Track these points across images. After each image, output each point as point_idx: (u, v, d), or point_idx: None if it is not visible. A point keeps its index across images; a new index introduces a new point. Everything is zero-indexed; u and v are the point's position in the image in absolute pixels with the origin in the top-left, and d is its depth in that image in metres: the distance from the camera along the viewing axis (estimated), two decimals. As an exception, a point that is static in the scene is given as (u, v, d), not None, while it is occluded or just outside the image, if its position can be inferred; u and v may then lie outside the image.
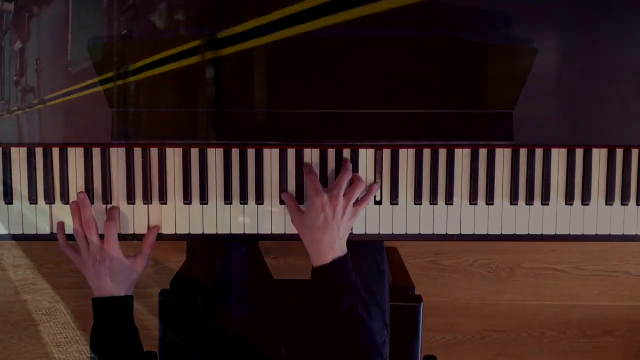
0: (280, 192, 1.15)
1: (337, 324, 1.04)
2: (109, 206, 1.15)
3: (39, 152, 1.15)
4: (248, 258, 1.28)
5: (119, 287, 1.11)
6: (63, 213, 1.15)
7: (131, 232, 1.16)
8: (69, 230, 1.13)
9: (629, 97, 1.13)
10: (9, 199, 1.15)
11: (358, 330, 1.03)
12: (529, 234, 1.17)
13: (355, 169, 1.15)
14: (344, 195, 1.09)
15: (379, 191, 1.15)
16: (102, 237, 1.11)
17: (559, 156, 1.15)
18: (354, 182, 1.12)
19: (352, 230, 1.13)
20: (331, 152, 1.15)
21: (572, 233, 1.17)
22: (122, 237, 1.15)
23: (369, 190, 1.14)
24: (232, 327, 1.19)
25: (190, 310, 1.12)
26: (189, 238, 1.16)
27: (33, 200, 1.15)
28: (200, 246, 1.31)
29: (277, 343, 1.18)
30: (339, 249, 1.07)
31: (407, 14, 1.08)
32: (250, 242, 1.34)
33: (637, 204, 1.16)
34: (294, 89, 1.11)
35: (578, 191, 1.16)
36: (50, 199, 1.15)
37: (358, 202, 1.12)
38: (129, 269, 1.12)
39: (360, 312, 1.04)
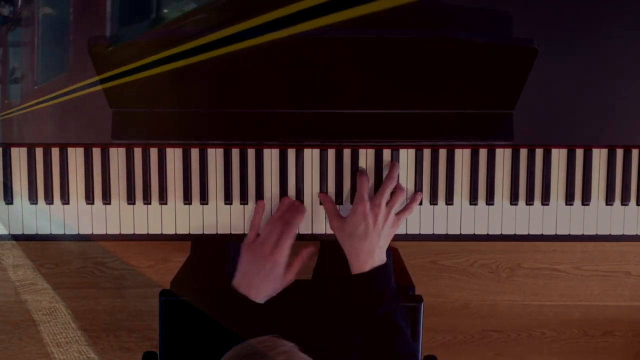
0: (280, 192, 1.15)
1: (374, 330, 1.04)
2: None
3: (39, 152, 1.15)
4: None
5: (260, 292, 1.07)
6: (63, 213, 1.15)
7: (131, 232, 1.16)
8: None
9: (630, 96, 1.13)
10: (9, 199, 1.15)
11: (395, 337, 1.03)
12: (529, 234, 1.17)
13: (356, 169, 1.15)
14: (386, 204, 1.09)
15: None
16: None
17: (559, 156, 1.15)
18: (395, 190, 1.11)
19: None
20: (331, 152, 1.15)
21: (572, 233, 1.17)
22: (122, 238, 1.16)
23: (412, 198, 1.14)
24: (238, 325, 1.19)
25: (191, 309, 1.12)
26: (189, 238, 1.16)
27: (33, 200, 1.15)
28: (206, 245, 1.31)
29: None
30: (378, 258, 1.07)
31: (407, 14, 1.08)
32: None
33: (637, 204, 1.16)
34: (293, 89, 1.11)
35: (578, 191, 1.16)
36: (50, 199, 1.15)
37: (400, 211, 1.12)
38: (278, 281, 1.08)
39: (398, 319, 1.04)
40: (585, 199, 1.16)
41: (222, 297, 1.08)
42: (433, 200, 1.15)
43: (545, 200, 1.15)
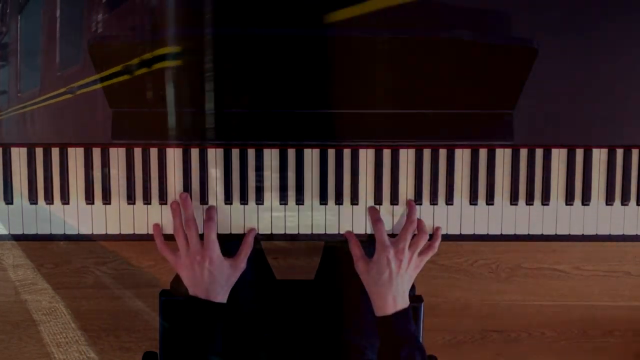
0: (280, 192, 1.15)
1: None
2: (206, 206, 1.14)
3: (39, 152, 1.15)
4: (252, 258, 1.29)
5: (217, 288, 1.09)
6: (63, 213, 1.15)
7: (131, 232, 1.16)
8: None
9: (629, 97, 1.13)
10: (9, 199, 1.15)
11: None
12: (529, 234, 1.17)
13: (356, 169, 1.15)
14: (409, 246, 1.11)
15: (378, 191, 1.15)
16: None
17: (559, 156, 1.15)
18: (418, 231, 1.13)
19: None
20: (331, 152, 1.15)
21: (572, 233, 1.17)
22: (122, 238, 1.16)
23: (434, 236, 1.15)
24: (239, 323, 1.19)
25: (191, 309, 1.12)
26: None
27: (33, 200, 1.15)
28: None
29: (288, 343, 1.19)
30: (401, 302, 1.10)
31: (408, 14, 1.08)
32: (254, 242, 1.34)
33: (637, 204, 1.16)
34: (293, 89, 1.11)
35: (578, 191, 1.16)
36: (50, 199, 1.15)
37: (423, 252, 1.13)
38: (228, 270, 1.10)
39: None
40: (585, 199, 1.16)
41: (191, 307, 1.10)
42: (433, 201, 1.15)
43: (545, 200, 1.15)
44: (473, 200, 1.15)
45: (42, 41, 1.12)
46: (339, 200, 1.15)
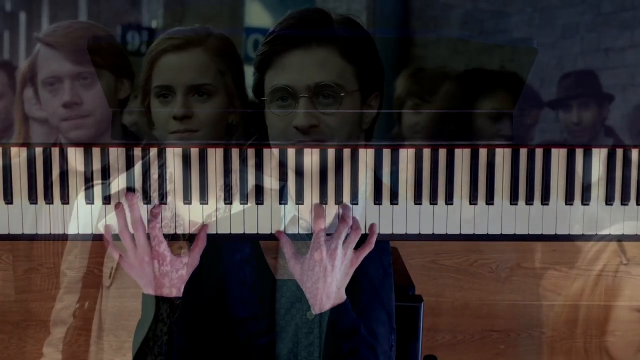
0: (280, 192, 1.15)
1: None
2: (150, 206, 1.15)
3: (39, 152, 1.15)
4: (250, 258, 1.29)
5: (171, 286, 1.11)
6: (63, 213, 1.15)
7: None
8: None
9: (629, 97, 1.13)
10: (9, 199, 1.15)
11: None
12: (529, 234, 1.17)
13: (356, 169, 1.14)
14: (343, 244, 1.11)
15: (379, 191, 1.15)
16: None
17: (559, 156, 1.15)
18: (352, 229, 1.13)
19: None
20: (331, 152, 1.15)
21: (572, 233, 1.17)
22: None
23: (370, 232, 1.15)
24: (236, 327, 1.19)
25: (190, 310, 1.12)
26: (188, 238, 1.16)
27: (33, 200, 1.15)
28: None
29: (286, 345, 1.18)
30: (337, 297, 1.10)
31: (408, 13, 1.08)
32: (252, 242, 1.34)
33: (637, 204, 1.16)
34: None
35: (578, 191, 1.16)
36: (50, 199, 1.15)
37: (361, 248, 1.13)
38: (179, 266, 1.12)
39: (364, 355, 1.08)
40: (585, 199, 1.16)
41: (146, 304, 1.14)
42: (433, 200, 1.15)
43: (545, 200, 1.15)
44: (473, 200, 1.15)
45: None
46: (339, 200, 1.15)
